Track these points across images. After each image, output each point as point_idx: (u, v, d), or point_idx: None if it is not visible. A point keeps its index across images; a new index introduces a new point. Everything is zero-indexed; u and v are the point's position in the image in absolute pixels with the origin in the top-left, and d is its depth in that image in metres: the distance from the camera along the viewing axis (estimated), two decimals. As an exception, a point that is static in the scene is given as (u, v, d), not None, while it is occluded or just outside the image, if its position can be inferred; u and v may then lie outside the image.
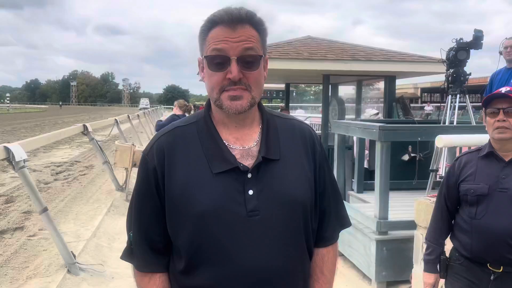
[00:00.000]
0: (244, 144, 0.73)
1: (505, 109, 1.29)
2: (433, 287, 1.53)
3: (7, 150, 2.27)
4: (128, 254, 0.77)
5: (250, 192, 0.69)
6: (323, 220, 0.81)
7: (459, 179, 1.46)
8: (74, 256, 2.69)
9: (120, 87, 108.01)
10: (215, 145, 0.71)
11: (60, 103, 77.35)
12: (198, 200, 0.69)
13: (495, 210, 1.35)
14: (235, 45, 0.65)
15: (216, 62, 0.66)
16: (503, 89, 1.39)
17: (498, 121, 1.31)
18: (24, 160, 2.38)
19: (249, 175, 0.69)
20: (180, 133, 0.75)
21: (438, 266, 1.50)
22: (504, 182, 1.34)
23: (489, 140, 1.41)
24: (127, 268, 1.75)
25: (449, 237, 1.53)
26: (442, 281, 1.55)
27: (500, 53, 3.24)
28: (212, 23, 0.68)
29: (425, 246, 1.63)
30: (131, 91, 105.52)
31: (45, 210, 2.52)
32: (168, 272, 0.77)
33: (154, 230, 0.74)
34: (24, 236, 3.42)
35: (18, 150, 2.33)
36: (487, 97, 1.41)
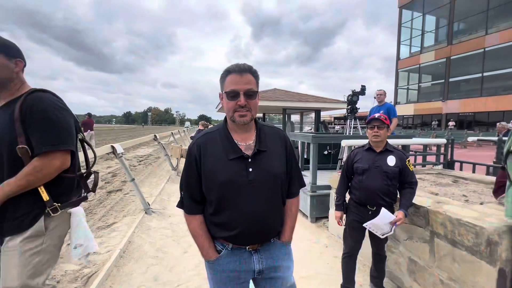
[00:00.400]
0: (246, 142, 1.16)
1: (377, 125, 2.10)
2: (340, 218, 2.27)
3: (113, 147, 3.66)
4: (180, 204, 1.23)
5: (250, 169, 1.11)
6: (290, 183, 1.26)
7: (353, 161, 2.23)
8: (149, 204, 4.15)
9: (175, 115, 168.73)
10: (229, 143, 1.14)
11: (143, 124, 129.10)
12: (221, 175, 1.10)
13: (371, 177, 2.10)
14: (242, 86, 1.07)
15: (231, 95, 1.09)
16: (376, 115, 2.17)
17: (375, 132, 2.10)
18: (121, 152, 3.75)
19: (250, 160, 1.11)
20: (209, 136, 1.19)
21: (342, 207, 2.28)
22: (377, 163, 2.10)
23: (369, 141, 2.21)
24: (178, 212, 2.98)
25: (347, 192, 2.32)
26: (344, 217, 2.31)
27: (374, 97, 5.10)
28: (228, 72, 1.11)
29: (335, 196, 2.37)
30: (180, 117, 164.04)
31: (133, 179, 3.90)
32: (203, 215, 1.19)
33: (195, 189, 1.16)
34: (122, 194, 5.27)
35: (118, 147, 3.73)
36: (369, 119, 2.19)
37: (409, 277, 2.32)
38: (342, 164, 3.97)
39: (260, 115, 12.87)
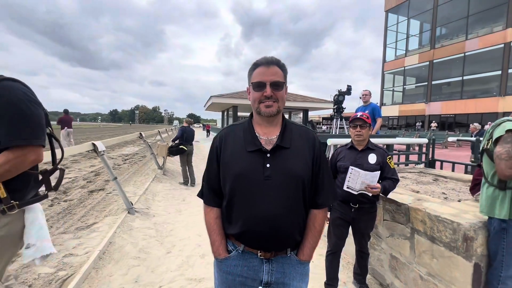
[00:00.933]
0: (269, 136, 1.10)
1: (360, 125, 2.12)
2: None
3: (94, 144, 3.52)
4: (200, 194, 1.22)
5: (268, 165, 1.03)
6: (316, 191, 1.11)
7: (337, 159, 2.25)
8: (132, 204, 4.00)
9: (163, 114, 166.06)
10: (251, 135, 1.09)
11: (130, 122, 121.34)
12: (236, 166, 1.06)
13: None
14: (269, 77, 1.04)
15: (258, 85, 1.06)
16: (358, 114, 2.18)
17: (357, 131, 2.12)
18: (103, 150, 3.61)
19: (268, 155, 1.05)
20: (232, 128, 1.17)
21: None
22: (358, 160, 2.13)
23: (351, 140, 2.25)
24: (162, 210, 4.11)
25: None
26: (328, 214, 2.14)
27: (360, 98, 5.15)
28: (255, 65, 1.09)
29: None
30: (169, 116, 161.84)
31: (115, 178, 3.75)
32: (220, 210, 1.15)
33: (214, 180, 1.14)
34: (104, 193, 5.04)
35: (100, 145, 3.60)
36: (351, 118, 2.22)
37: (390, 273, 2.36)
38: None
39: (247, 114, 12.85)
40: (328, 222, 2.31)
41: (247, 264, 1.10)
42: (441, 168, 4.68)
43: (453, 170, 4.50)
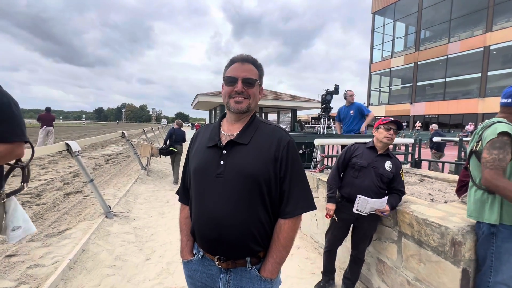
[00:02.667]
0: (231, 133, 1.04)
1: (394, 129, 2.08)
2: (332, 211, 2.24)
3: (67, 144, 3.28)
4: (177, 192, 1.23)
5: (222, 162, 0.98)
6: (282, 198, 1.00)
7: (352, 155, 2.20)
8: (110, 207, 3.79)
9: (151, 112, 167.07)
10: (215, 132, 1.07)
11: (117, 121, 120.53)
12: (193, 162, 1.06)
13: (366, 176, 2.09)
14: (241, 73, 1.02)
15: (229, 80, 1.03)
16: (392, 118, 2.12)
17: (390, 134, 2.05)
18: (78, 151, 3.37)
19: (224, 151, 0.99)
20: (206, 126, 1.16)
21: (335, 200, 2.24)
22: (375, 163, 2.10)
23: (372, 140, 2.17)
24: (144, 214, 3.91)
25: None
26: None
27: (345, 98, 5.21)
28: (232, 61, 1.07)
29: (328, 188, 2.27)
30: (157, 115, 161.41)
31: (91, 180, 3.50)
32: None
33: (185, 176, 1.16)
34: (81, 196, 4.73)
35: (74, 144, 3.36)
36: (387, 120, 2.11)
37: (377, 277, 2.29)
38: (316, 163, 3.91)
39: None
40: (329, 217, 2.27)
41: (205, 271, 1.06)
42: (429, 168, 4.72)
43: (442, 170, 4.55)
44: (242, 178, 0.95)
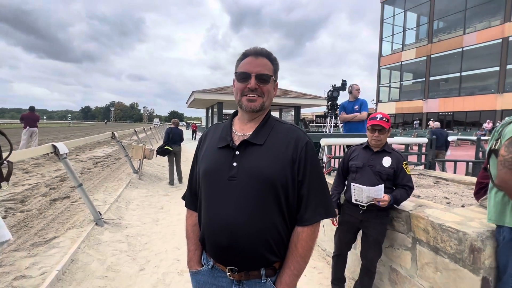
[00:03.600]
0: (244, 133, 1.04)
1: (378, 130, 2.15)
2: (336, 218, 2.34)
3: (54, 146, 3.30)
4: (184, 197, 1.22)
5: (234, 164, 0.97)
6: (300, 204, 0.99)
7: (350, 158, 2.32)
8: (100, 214, 3.78)
9: (142, 111, 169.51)
10: (226, 131, 1.06)
11: (105, 121, 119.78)
12: (203, 163, 1.05)
13: (364, 176, 2.18)
14: (255, 68, 1.01)
15: (242, 77, 1.02)
16: (378, 117, 2.18)
17: (376, 136, 2.16)
18: (66, 153, 3.39)
19: (237, 152, 0.99)
20: (215, 125, 1.17)
21: (337, 206, 2.32)
22: (371, 162, 2.19)
23: (367, 140, 2.28)
24: (137, 222, 3.88)
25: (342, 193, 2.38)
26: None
27: (349, 92, 5.24)
28: (244, 54, 1.06)
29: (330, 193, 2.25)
30: (148, 114, 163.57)
31: (80, 185, 3.51)
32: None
33: (195, 181, 1.14)
34: (69, 202, 4.74)
35: (62, 146, 3.37)
36: (370, 123, 2.19)
37: (390, 287, 2.30)
38: (323, 165, 3.93)
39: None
40: (335, 224, 2.37)
41: (215, 282, 1.04)
42: (442, 169, 4.73)
43: (455, 172, 4.57)
44: (257, 182, 0.94)
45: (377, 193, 2.05)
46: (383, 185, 2.08)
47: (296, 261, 0.98)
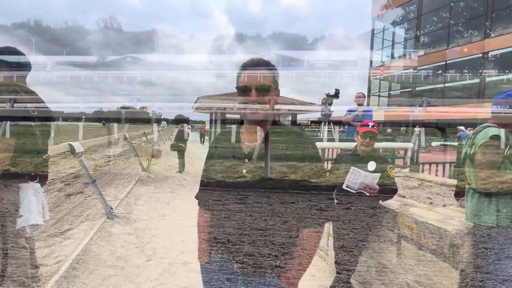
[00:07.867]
0: (252, 142, 1.07)
1: (370, 136, 2.14)
2: None
3: (71, 145, 3.32)
4: (196, 196, 1.20)
5: (244, 171, 1.00)
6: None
7: (339, 163, 2.31)
8: (111, 208, 3.78)
9: (150, 115, 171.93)
10: (235, 140, 1.09)
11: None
12: (215, 171, 1.07)
13: None
14: (254, 81, 1.00)
15: (242, 90, 1.02)
16: (370, 124, 2.16)
17: (367, 142, 2.15)
18: (81, 152, 3.40)
19: (246, 160, 1.03)
20: (224, 134, 1.18)
21: None
22: (358, 166, 2.09)
23: (356, 146, 2.28)
24: (144, 215, 3.95)
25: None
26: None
27: (355, 101, 4.96)
28: (244, 67, 1.05)
29: None
30: (156, 117, 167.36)
31: (93, 181, 3.52)
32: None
33: (206, 184, 1.12)
34: (83, 197, 4.77)
35: (77, 146, 3.39)
36: (362, 128, 2.18)
37: (377, 280, 2.32)
38: None
39: (237, 116, 12.70)
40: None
41: (224, 276, 1.06)
42: (429, 172, 4.77)
43: (443, 173, 4.61)
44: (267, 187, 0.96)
45: (373, 181, 2.05)
46: (380, 174, 2.07)
47: (300, 259, 1.01)
